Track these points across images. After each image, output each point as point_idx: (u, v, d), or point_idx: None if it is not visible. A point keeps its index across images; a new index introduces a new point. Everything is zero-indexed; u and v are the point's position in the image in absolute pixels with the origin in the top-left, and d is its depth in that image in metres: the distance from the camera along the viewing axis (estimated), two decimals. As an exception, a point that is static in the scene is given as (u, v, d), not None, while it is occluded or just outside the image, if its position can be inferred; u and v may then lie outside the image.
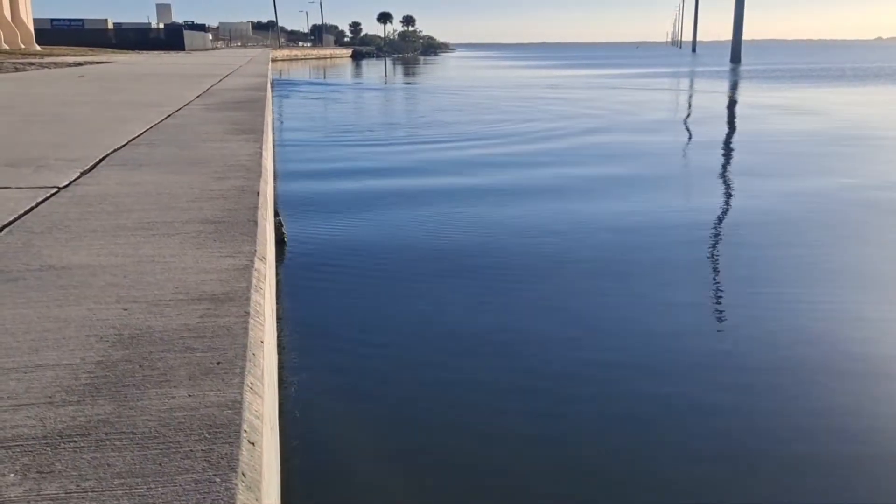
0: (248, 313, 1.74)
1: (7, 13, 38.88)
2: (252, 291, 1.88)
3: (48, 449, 1.15)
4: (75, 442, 1.17)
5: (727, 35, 68.41)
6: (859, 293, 4.86)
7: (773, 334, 4.08)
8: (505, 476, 2.79)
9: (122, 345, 1.55)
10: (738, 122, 17.95)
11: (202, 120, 5.92)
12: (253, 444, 1.22)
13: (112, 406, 1.29)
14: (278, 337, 3.47)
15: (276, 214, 6.04)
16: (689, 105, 23.21)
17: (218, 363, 1.47)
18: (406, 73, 51.50)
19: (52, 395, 1.32)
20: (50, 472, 1.09)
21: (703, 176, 9.70)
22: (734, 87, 31.44)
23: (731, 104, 22.91)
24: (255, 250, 2.25)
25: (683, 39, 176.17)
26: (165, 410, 1.27)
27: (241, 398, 1.32)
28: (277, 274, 5.05)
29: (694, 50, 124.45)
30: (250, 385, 1.40)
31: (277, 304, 4.34)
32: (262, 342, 1.65)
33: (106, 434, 1.19)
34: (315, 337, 4.15)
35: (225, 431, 1.21)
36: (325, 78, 43.32)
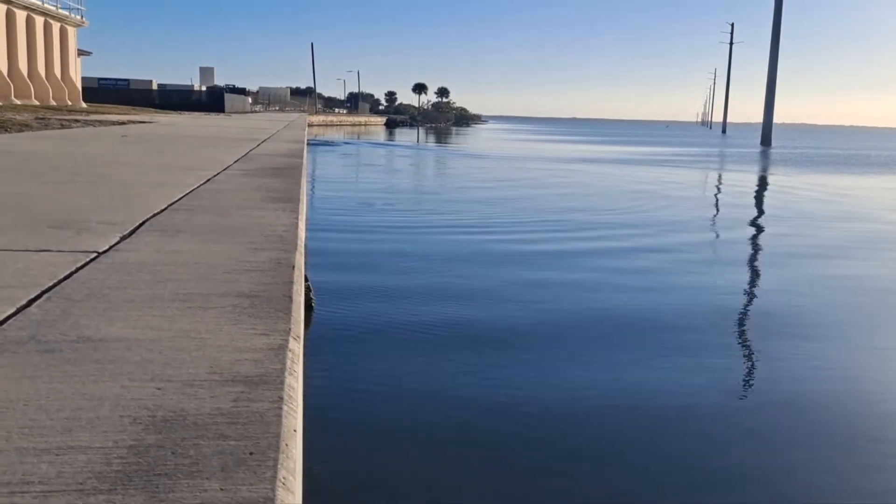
0: (281, 399, 1.72)
1: (57, 72, 40.46)
2: (286, 374, 1.86)
3: (77, 543, 1.13)
4: (105, 536, 1.14)
5: (756, 117, 69.15)
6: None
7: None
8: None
9: (156, 428, 1.53)
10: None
11: (240, 186, 6.03)
12: (284, 547, 1.18)
13: (143, 497, 1.26)
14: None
15: (305, 279, 6.06)
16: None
17: (251, 453, 1.44)
18: (439, 142, 52.43)
19: (84, 481, 1.30)
20: (78, 570, 1.06)
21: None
22: (764, 169, 31.51)
23: (762, 189, 22.93)
24: (290, 329, 2.25)
25: (714, 120, 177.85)
26: (197, 505, 1.24)
27: (274, 495, 1.29)
28: (305, 341, 4.99)
29: (724, 131, 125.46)
30: (282, 480, 1.37)
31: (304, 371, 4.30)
32: (295, 431, 1.62)
33: (136, 529, 1.17)
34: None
35: (256, 532, 1.18)
36: (358, 138, 44.22)
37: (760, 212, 17.01)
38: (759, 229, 13.89)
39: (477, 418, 4.56)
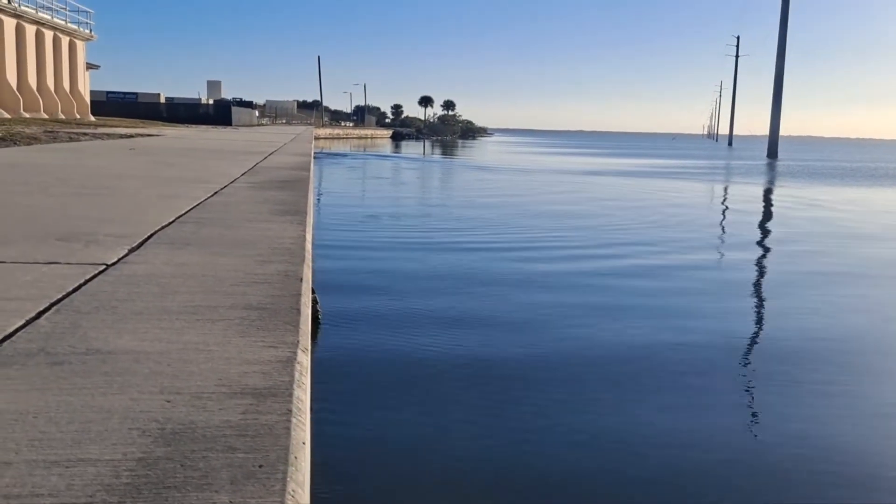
0: (290, 411, 1.71)
1: (66, 85, 40.76)
2: (295, 387, 1.86)
3: (86, 556, 1.12)
4: (114, 549, 1.14)
5: (762, 129, 69.31)
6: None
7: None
8: None
9: (164, 440, 1.53)
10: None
11: (247, 199, 6.05)
12: (294, 560, 1.18)
13: (152, 510, 1.26)
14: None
15: (312, 291, 5.99)
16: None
17: (260, 466, 1.44)
18: (446, 154, 52.59)
19: (93, 494, 1.30)
20: (87, 583, 1.06)
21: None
22: (772, 181, 31.46)
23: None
24: (298, 341, 2.25)
25: (720, 133, 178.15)
26: (206, 518, 1.24)
27: (283, 508, 1.28)
28: (311, 354, 4.88)
29: (730, 143, 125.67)
30: (291, 492, 1.36)
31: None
32: (303, 443, 1.62)
33: (145, 542, 1.16)
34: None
35: (266, 546, 1.17)
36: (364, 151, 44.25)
37: (777, 227, 16.68)
38: (775, 247, 13.35)
39: (477, 448, 4.25)
